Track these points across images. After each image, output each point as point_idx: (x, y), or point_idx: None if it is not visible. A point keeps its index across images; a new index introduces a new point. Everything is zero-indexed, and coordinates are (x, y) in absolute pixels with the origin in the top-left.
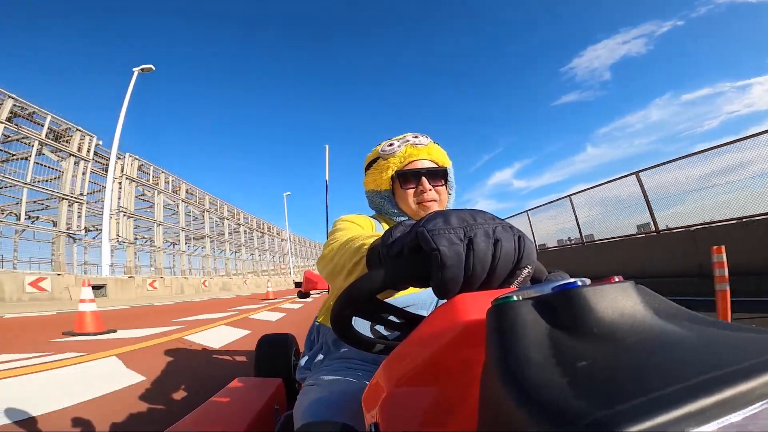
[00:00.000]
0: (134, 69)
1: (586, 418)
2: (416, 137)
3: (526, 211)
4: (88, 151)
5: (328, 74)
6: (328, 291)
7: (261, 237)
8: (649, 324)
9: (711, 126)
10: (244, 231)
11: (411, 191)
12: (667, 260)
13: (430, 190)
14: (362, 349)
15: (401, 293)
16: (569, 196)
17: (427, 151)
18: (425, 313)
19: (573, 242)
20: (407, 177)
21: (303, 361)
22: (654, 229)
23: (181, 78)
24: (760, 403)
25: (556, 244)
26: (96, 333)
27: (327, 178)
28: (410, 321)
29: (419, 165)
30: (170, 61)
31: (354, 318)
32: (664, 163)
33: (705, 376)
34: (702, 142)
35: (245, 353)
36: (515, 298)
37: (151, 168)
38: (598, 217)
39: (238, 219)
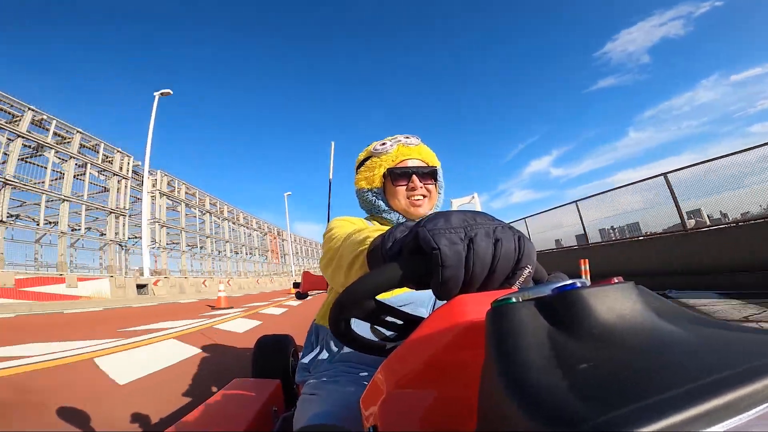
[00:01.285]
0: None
1: (589, 421)
2: (407, 137)
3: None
4: (128, 170)
5: (360, 71)
6: (327, 291)
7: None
8: (650, 325)
9: (765, 106)
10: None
11: (402, 189)
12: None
13: (420, 187)
14: (361, 351)
15: (399, 291)
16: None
17: (417, 151)
18: (424, 312)
19: (616, 231)
20: (399, 175)
21: (303, 361)
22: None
23: (190, 83)
24: (763, 406)
25: (598, 235)
26: (227, 308)
27: (330, 177)
28: (409, 322)
29: (410, 164)
30: (178, 67)
31: (353, 319)
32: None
33: (708, 378)
34: (758, 122)
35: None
36: (515, 299)
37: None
38: (647, 204)
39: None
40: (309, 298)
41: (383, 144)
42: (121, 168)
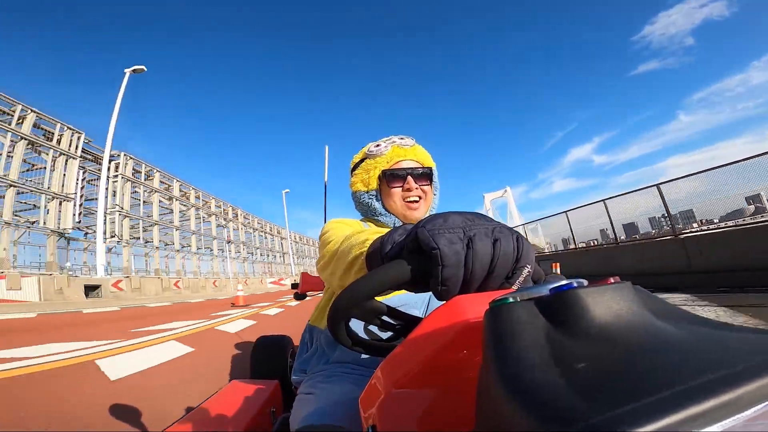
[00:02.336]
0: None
1: (587, 419)
2: (402, 139)
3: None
4: (77, 148)
5: (374, 69)
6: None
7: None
8: (646, 325)
9: None
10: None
11: (397, 190)
12: None
13: (416, 188)
14: (360, 351)
15: (394, 293)
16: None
17: (412, 152)
18: (419, 313)
19: (668, 220)
20: (394, 176)
21: (297, 363)
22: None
23: (179, 77)
24: (761, 405)
25: (648, 224)
26: (244, 306)
27: (326, 179)
28: (408, 322)
29: (405, 165)
30: (167, 60)
31: (352, 319)
32: None
33: (704, 377)
34: None
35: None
36: (512, 299)
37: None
38: (702, 190)
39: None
40: (308, 299)
41: (378, 145)
42: (70, 146)
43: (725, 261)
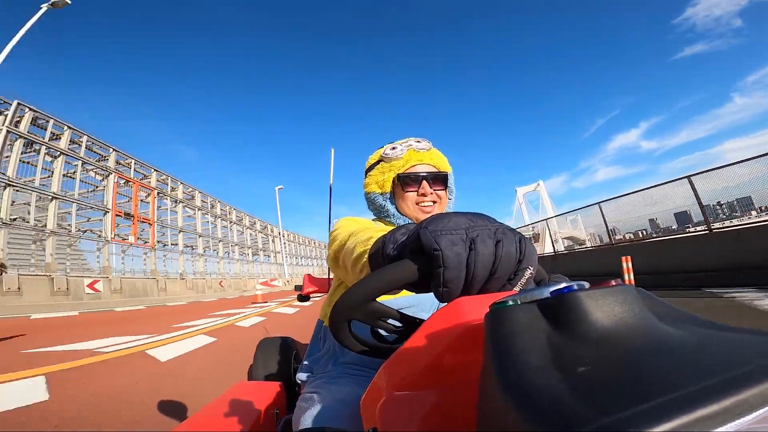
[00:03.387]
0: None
1: (590, 423)
2: (419, 142)
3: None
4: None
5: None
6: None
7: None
8: (649, 327)
9: None
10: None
11: (412, 194)
12: None
13: (431, 193)
14: (361, 353)
15: (400, 294)
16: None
17: (429, 156)
18: (425, 316)
19: (724, 207)
20: (409, 180)
21: (306, 361)
22: None
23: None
24: (765, 408)
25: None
26: (263, 302)
27: (331, 182)
28: (409, 324)
29: (421, 169)
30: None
31: (354, 321)
32: None
33: (709, 380)
34: None
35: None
36: (513, 302)
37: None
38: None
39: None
40: (310, 302)
41: (394, 148)
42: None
43: None
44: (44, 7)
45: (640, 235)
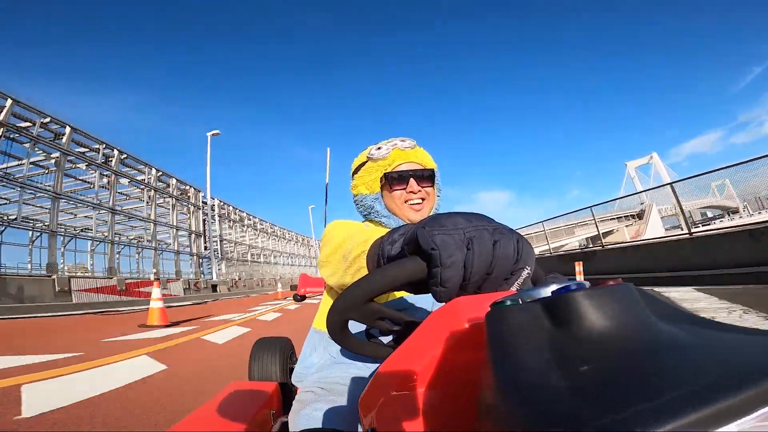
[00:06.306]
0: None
1: (590, 423)
2: (403, 141)
3: None
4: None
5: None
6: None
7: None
8: (650, 327)
9: None
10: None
11: (400, 193)
12: None
13: (418, 191)
14: (359, 354)
15: (398, 294)
16: None
17: (414, 154)
18: (423, 317)
19: None
20: (396, 179)
21: (301, 363)
22: None
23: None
24: (765, 408)
25: None
26: (284, 298)
27: (327, 181)
28: (408, 324)
29: (407, 167)
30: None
31: (351, 322)
32: None
33: (710, 380)
34: None
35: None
36: (513, 301)
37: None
38: None
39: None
40: (307, 300)
41: (379, 148)
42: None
43: None
44: (209, 135)
45: None
